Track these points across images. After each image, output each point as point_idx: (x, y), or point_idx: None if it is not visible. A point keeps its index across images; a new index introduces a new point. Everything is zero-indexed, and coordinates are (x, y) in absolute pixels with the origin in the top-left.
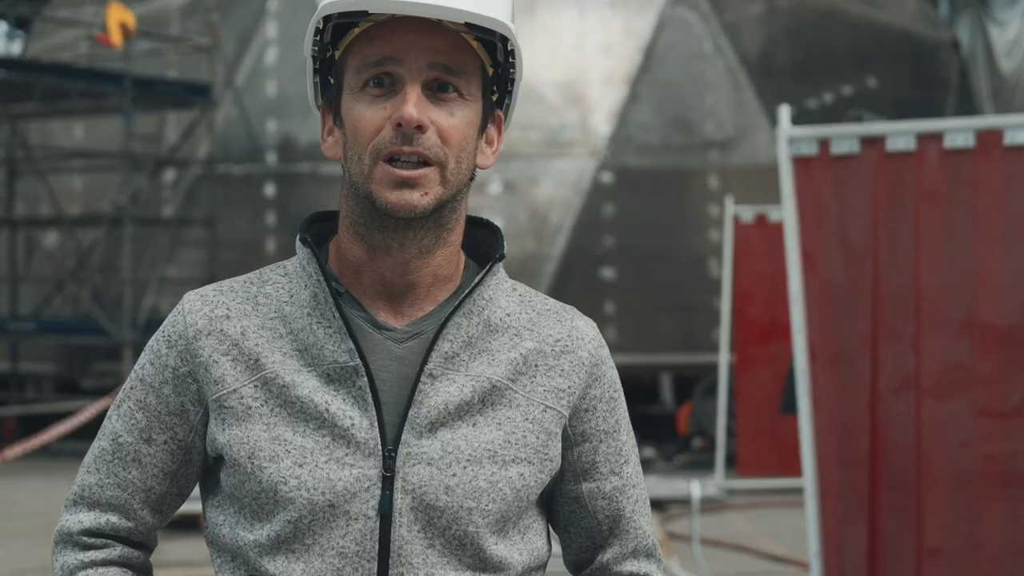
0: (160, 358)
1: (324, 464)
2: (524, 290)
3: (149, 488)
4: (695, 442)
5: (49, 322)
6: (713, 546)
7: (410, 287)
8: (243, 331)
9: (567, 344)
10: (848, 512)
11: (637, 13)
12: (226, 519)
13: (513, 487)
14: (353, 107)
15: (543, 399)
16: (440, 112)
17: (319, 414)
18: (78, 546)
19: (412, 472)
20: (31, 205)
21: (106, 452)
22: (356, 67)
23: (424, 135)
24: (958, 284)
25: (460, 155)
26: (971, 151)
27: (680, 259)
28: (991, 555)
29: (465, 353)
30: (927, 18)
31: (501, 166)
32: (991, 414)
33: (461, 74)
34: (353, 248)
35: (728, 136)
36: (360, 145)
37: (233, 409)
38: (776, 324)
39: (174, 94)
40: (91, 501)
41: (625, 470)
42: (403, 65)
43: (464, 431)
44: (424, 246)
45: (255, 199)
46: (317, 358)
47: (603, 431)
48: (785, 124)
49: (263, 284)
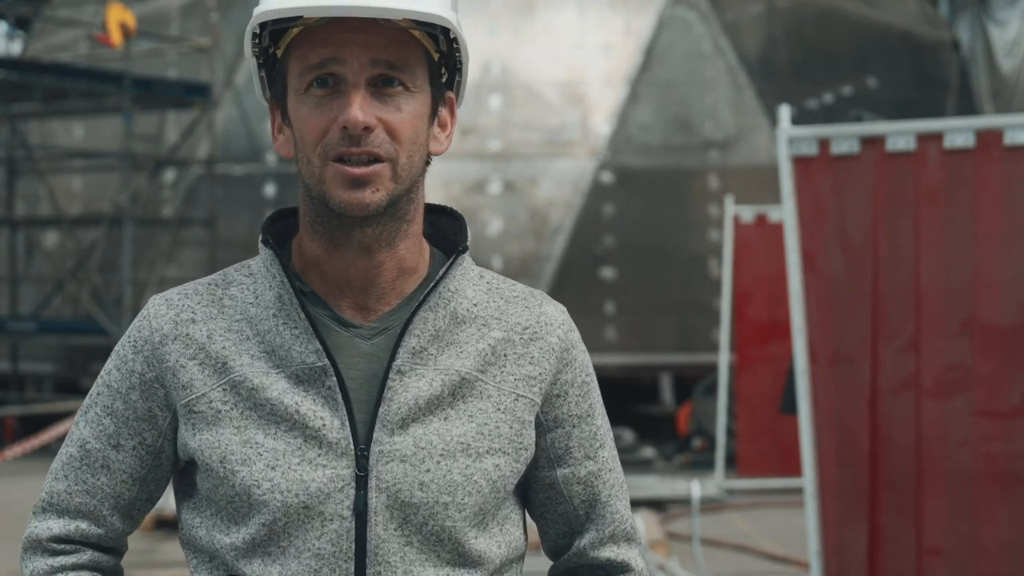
0: (126, 364)
1: (297, 466)
2: (491, 277)
3: (118, 494)
4: (695, 442)
5: (49, 322)
6: (713, 546)
7: (373, 281)
8: (209, 334)
9: (536, 331)
10: (848, 512)
11: (637, 13)
12: (202, 521)
13: (489, 479)
14: (299, 109)
15: (514, 388)
16: (387, 108)
17: (290, 416)
18: (47, 552)
19: (385, 470)
20: (31, 205)
21: (74, 459)
22: (299, 69)
23: (372, 134)
24: (958, 284)
25: (412, 148)
26: (971, 151)
27: (680, 259)
28: (991, 555)
29: (433, 347)
30: (927, 18)
31: (501, 166)
32: (991, 414)
33: (405, 68)
34: (313, 246)
35: (728, 136)
36: (309, 147)
37: (203, 414)
38: (776, 324)
39: (174, 94)
40: (60, 508)
41: (600, 454)
42: (345, 65)
43: (436, 426)
44: (384, 239)
45: (255, 199)
46: (285, 359)
47: (576, 416)
48: (785, 124)
49: (228, 286)
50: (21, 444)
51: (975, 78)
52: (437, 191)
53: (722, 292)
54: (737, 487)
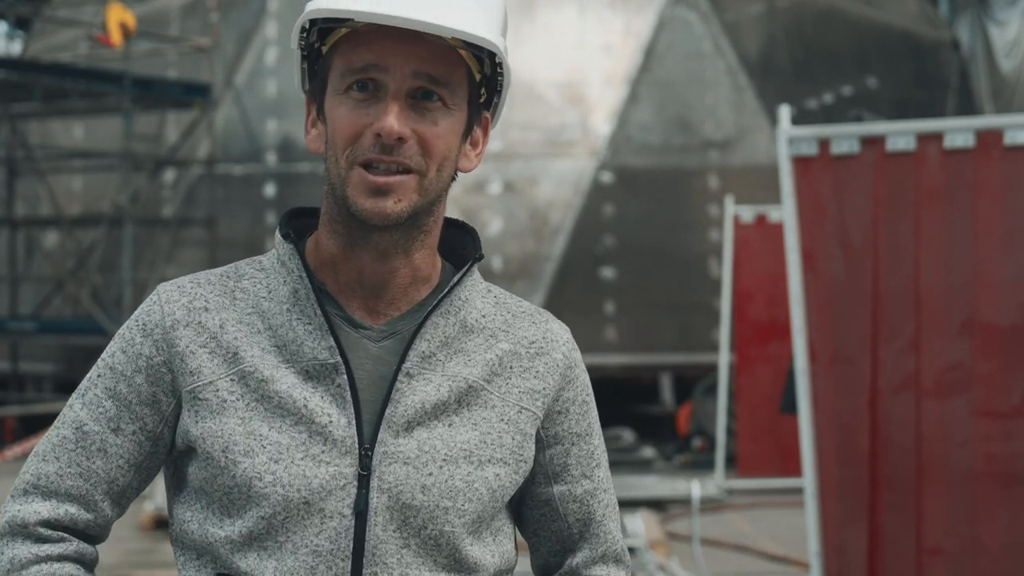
0: (133, 346)
1: (300, 461)
2: (498, 292)
3: (112, 479)
4: (695, 442)
5: (49, 322)
6: (713, 546)
7: (387, 285)
8: (222, 324)
9: (542, 346)
10: (848, 512)
11: (637, 13)
12: (194, 515)
13: (489, 487)
14: (335, 108)
15: (518, 400)
16: (423, 122)
17: (297, 410)
18: (31, 538)
19: (388, 471)
20: (31, 205)
21: (68, 440)
22: (341, 70)
23: (405, 145)
24: (958, 284)
25: (442, 164)
26: (971, 151)
27: (680, 259)
28: (991, 555)
29: (442, 353)
30: (927, 18)
31: (501, 166)
32: (991, 414)
33: (446, 84)
34: (330, 244)
35: (728, 136)
36: (338, 148)
37: (208, 401)
38: (776, 324)
39: (174, 94)
40: (47, 490)
41: (596, 474)
42: (387, 73)
43: (440, 431)
44: (402, 246)
45: (255, 199)
46: (296, 354)
47: (575, 434)
48: (785, 124)
49: (239, 278)
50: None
51: (975, 78)
52: None
53: (722, 292)
54: (737, 487)
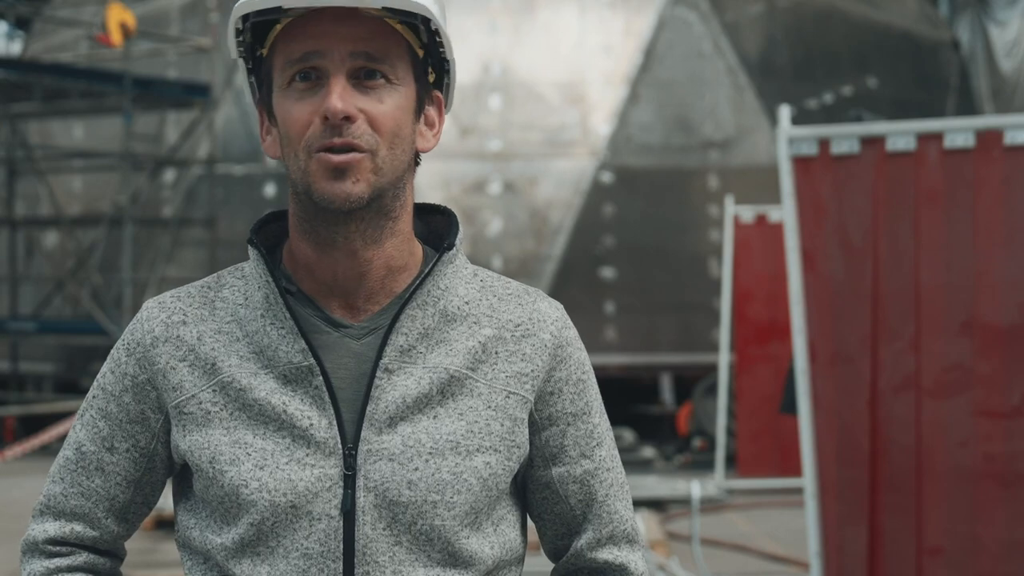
0: (120, 366)
1: (285, 465)
2: (486, 275)
3: (112, 497)
4: (695, 442)
5: (49, 322)
6: (713, 546)
7: (362, 280)
8: (199, 336)
9: (528, 328)
10: (848, 512)
11: (637, 13)
12: (196, 522)
13: (479, 477)
14: (282, 104)
15: (505, 385)
16: (368, 100)
17: (278, 416)
18: (44, 554)
19: (373, 469)
20: (31, 205)
21: (70, 461)
22: (281, 64)
23: (353, 125)
24: (958, 284)
25: (394, 141)
26: (971, 151)
27: (680, 259)
28: (991, 555)
29: (422, 345)
30: (927, 18)
31: (501, 166)
32: (991, 414)
33: (385, 60)
34: (302, 246)
35: (728, 136)
36: (294, 141)
37: (193, 415)
38: (776, 324)
39: (174, 94)
40: (56, 511)
41: (597, 453)
42: (326, 57)
43: (424, 424)
44: (370, 236)
45: (255, 199)
46: (273, 359)
47: (571, 414)
48: (785, 124)
49: (220, 288)
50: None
51: (975, 78)
52: (437, 191)
53: (722, 292)
54: (737, 487)
